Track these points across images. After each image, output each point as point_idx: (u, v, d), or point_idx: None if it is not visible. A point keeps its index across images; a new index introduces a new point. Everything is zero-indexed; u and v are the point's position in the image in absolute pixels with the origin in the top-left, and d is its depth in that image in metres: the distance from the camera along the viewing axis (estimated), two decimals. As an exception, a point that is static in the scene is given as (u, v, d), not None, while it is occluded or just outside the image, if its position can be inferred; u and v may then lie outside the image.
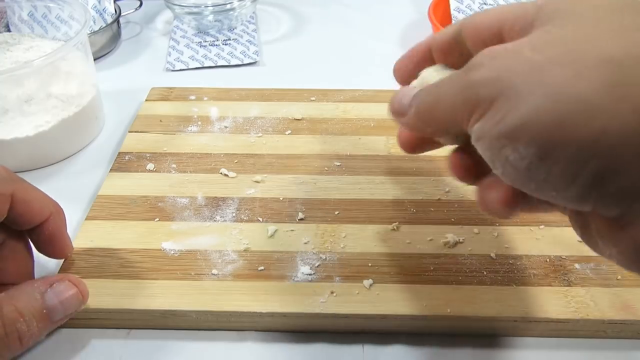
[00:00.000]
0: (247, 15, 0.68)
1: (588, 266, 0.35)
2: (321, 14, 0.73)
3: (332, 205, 0.40)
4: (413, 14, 0.72)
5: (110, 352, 0.33)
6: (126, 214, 0.39)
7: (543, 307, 0.32)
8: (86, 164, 0.47)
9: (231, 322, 0.33)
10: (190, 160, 0.44)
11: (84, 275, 0.34)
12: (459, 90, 0.23)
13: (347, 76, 0.59)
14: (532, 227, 0.38)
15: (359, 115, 0.49)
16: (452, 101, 0.23)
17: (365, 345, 0.33)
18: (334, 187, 0.42)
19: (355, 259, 0.36)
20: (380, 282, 0.34)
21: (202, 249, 0.37)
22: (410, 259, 0.36)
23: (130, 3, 0.66)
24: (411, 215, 0.39)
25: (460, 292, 0.33)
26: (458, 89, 0.23)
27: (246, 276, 0.35)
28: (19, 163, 0.46)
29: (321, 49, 0.65)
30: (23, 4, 0.55)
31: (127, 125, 0.51)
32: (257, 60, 0.61)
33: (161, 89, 0.53)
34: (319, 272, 0.35)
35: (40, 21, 0.55)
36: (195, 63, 0.61)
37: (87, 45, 0.49)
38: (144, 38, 0.67)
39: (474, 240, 0.37)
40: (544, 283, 0.34)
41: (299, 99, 0.52)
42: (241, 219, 0.39)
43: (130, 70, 0.61)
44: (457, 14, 0.60)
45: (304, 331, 0.34)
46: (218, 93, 0.53)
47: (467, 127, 0.22)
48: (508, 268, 0.35)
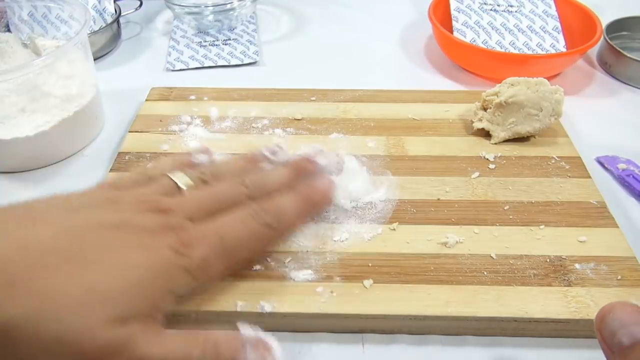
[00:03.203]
0: (247, 15, 0.68)
1: (588, 266, 0.35)
2: (321, 14, 0.73)
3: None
4: (413, 14, 0.72)
5: (110, 352, 0.33)
6: (126, 214, 0.39)
7: (543, 307, 0.32)
8: (86, 164, 0.47)
9: (231, 322, 0.33)
10: (190, 160, 0.44)
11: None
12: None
13: (347, 76, 0.59)
14: (532, 227, 0.38)
15: (359, 115, 0.49)
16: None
17: (365, 345, 0.33)
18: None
19: (355, 259, 0.36)
20: (380, 282, 0.34)
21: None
22: (410, 259, 0.36)
23: (130, 3, 0.66)
24: (411, 216, 0.39)
25: (460, 292, 0.33)
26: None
27: (246, 276, 0.35)
28: (19, 163, 0.46)
29: (321, 49, 0.65)
30: (23, 4, 0.55)
31: (127, 125, 0.51)
32: (257, 60, 0.61)
33: (161, 89, 0.53)
34: (319, 272, 0.35)
35: (40, 21, 0.55)
36: (195, 63, 0.61)
37: (87, 45, 0.49)
38: (144, 38, 0.67)
39: (474, 240, 0.37)
40: (544, 283, 0.34)
41: (299, 99, 0.52)
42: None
43: (130, 70, 0.61)
44: (457, 14, 0.60)
45: (304, 331, 0.34)
46: (218, 93, 0.53)
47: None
48: (508, 268, 0.35)
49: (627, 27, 0.63)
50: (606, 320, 0.23)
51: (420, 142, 0.46)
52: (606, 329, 0.23)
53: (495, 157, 0.44)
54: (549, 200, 0.40)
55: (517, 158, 0.44)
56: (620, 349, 0.23)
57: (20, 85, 0.44)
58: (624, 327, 0.23)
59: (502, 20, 0.60)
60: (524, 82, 0.45)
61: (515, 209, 0.39)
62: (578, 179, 0.42)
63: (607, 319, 0.23)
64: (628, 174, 0.44)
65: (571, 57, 0.56)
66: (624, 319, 0.23)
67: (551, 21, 0.60)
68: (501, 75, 0.48)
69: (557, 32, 0.59)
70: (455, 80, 0.58)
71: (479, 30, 0.59)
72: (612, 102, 0.55)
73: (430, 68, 0.61)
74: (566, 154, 0.45)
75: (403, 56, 0.64)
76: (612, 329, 0.23)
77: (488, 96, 0.46)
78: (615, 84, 0.58)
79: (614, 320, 0.23)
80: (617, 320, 0.23)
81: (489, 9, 0.61)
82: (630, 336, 0.22)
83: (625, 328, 0.23)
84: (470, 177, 0.42)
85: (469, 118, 0.48)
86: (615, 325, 0.23)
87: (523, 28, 0.60)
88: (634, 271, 0.35)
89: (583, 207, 0.39)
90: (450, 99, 0.51)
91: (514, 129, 0.45)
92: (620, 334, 0.23)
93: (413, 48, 0.65)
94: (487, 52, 0.56)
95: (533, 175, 0.42)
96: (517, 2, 0.61)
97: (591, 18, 0.59)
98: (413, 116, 0.49)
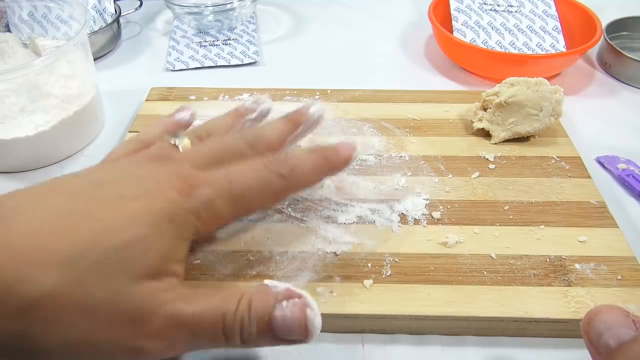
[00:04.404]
0: (247, 15, 0.68)
1: (588, 266, 0.35)
2: (321, 14, 0.73)
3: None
4: (413, 14, 0.72)
5: (110, 352, 0.33)
6: (126, 214, 0.39)
7: (543, 307, 0.32)
8: (86, 164, 0.47)
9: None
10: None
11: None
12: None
13: (347, 76, 0.59)
14: (532, 227, 0.38)
15: (359, 115, 0.49)
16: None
17: (365, 345, 0.33)
18: (335, 187, 0.41)
19: (355, 259, 0.36)
20: (380, 282, 0.34)
21: (202, 248, 0.36)
22: (410, 259, 0.36)
23: (130, 3, 0.66)
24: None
25: (460, 292, 0.33)
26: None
27: (246, 276, 0.35)
28: (19, 163, 0.46)
29: (321, 49, 0.65)
30: (23, 4, 0.55)
31: (127, 125, 0.51)
32: (257, 60, 0.61)
33: (161, 89, 0.53)
34: (319, 272, 0.35)
35: (40, 21, 0.55)
36: (195, 63, 0.61)
37: (87, 45, 0.49)
38: (144, 38, 0.67)
39: (474, 240, 0.37)
40: (544, 283, 0.34)
41: (299, 99, 0.52)
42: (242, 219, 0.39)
43: (130, 70, 0.61)
44: (457, 14, 0.60)
45: (304, 331, 0.34)
46: (218, 93, 0.53)
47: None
48: (508, 268, 0.35)
49: (627, 27, 0.63)
50: (593, 322, 0.24)
51: (420, 142, 0.46)
52: (593, 331, 0.23)
53: (495, 157, 0.44)
54: (549, 200, 0.40)
55: (517, 158, 0.44)
56: (607, 350, 0.23)
57: (20, 85, 0.44)
58: (610, 329, 0.23)
59: (502, 20, 0.60)
60: (523, 82, 0.45)
61: (515, 209, 0.39)
62: (578, 179, 0.42)
63: (593, 322, 0.24)
64: (628, 174, 0.44)
65: (571, 57, 0.56)
66: (610, 322, 0.23)
67: (551, 21, 0.60)
68: (501, 75, 0.48)
69: (557, 32, 0.59)
70: (455, 80, 0.59)
71: (479, 30, 0.59)
72: (612, 102, 0.55)
73: (430, 68, 0.61)
74: (566, 154, 0.45)
75: (403, 56, 0.64)
76: (598, 331, 0.23)
77: (488, 96, 0.46)
78: (615, 84, 0.58)
79: (601, 323, 0.23)
80: (603, 323, 0.23)
81: (489, 9, 0.61)
82: (616, 338, 0.23)
83: (611, 330, 0.23)
84: (470, 177, 0.42)
85: (469, 118, 0.48)
86: (602, 327, 0.23)
87: (523, 28, 0.60)
88: (634, 271, 0.35)
89: (583, 207, 0.40)
90: (450, 99, 0.51)
91: (514, 129, 0.45)
92: (607, 336, 0.23)
93: (413, 48, 0.65)
94: (487, 52, 0.57)
95: (533, 175, 0.42)
96: (517, 2, 0.61)
97: (591, 18, 0.59)
98: (413, 116, 0.49)
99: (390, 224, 0.38)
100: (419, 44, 0.66)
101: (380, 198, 0.40)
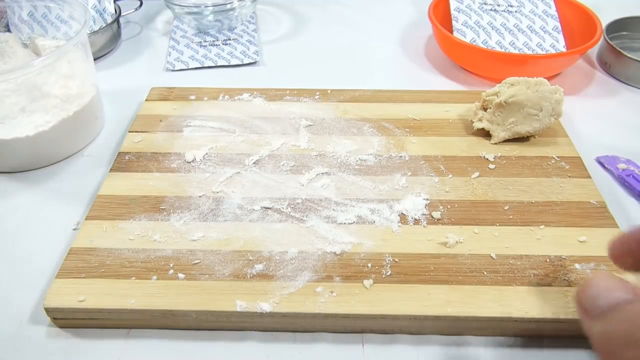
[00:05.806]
0: (247, 15, 0.68)
1: (588, 266, 0.35)
2: (321, 14, 0.73)
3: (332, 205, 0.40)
4: (413, 14, 0.72)
5: (110, 352, 0.33)
6: (126, 213, 0.39)
7: (543, 307, 0.32)
8: (86, 164, 0.47)
9: (231, 322, 0.33)
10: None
11: (85, 275, 0.35)
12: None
13: (347, 76, 0.59)
14: (532, 227, 0.38)
15: (359, 115, 0.49)
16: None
17: (365, 345, 0.33)
18: (335, 187, 0.42)
19: (355, 259, 0.36)
20: (380, 282, 0.34)
21: (202, 248, 0.37)
22: (410, 259, 0.36)
23: (130, 3, 0.66)
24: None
25: (460, 292, 0.33)
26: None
27: (246, 276, 0.35)
28: (19, 163, 0.46)
29: (321, 49, 0.65)
30: (23, 4, 0.55)
31: (127, 125, 0.51)
32: (257, 60, 0.61)
33: (161, 89, 0.53)
34: (319, 272, 0.35)
35: (40, 21, 0.55)
36: (195, 63, 0.61)
37: (87, 45, 0.49)
38: (144, 38, 0.67)
39: (474, 240, 0.37)
40: (544, 283, 0.34)
41: (299, 99, 0.52)
42: (242, 219, 0.39)
43: (130, 70, 0.61)
44: (457, 13, 0.60)
45: (304, 331, 0.34)
46: (218, 93, 0.53)
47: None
48: (508, 268, 0.35)
49: (627, 27, 0.63)
50: (586, 290, 0.24)
51: (420, 142, 0.46)
52: (587, 298, 0.24)
53: (495, 157, 0.44)
54: (549, 200, 0.40)
55: (517, 158, 0.44)
56: (601, 312, 0.23)
57: (20, 85, 0.44)
58: (605, 292, 0.23)
59: (502, 20, 0.60)
60: (523, 82, 0.45)
61: (515, 209, 0.39)
62: (578, 179, 0.42)
63: (586, 289, 0.24)
64: (628, 174, 0.44)
65: (571, 57, 0.56)
66: (604, 286, 0.23)
67: (551, 21, 0.60)
68: (501, 75, 0.48)
69: (557, 32, 0.59)
70: (455, 80, 0.58)
71: (479, 30, 0.59)
72: (612, 102, 0.55)
73: (430, 68, 0.61)
74: (566, 154, 0.45)
75: (403, 56, 0.64)
76: (592, 295, 0.23)
77: (488, 96, 0.46)
78: (615, 84, 0.58)
79: (594, 288, 0.24)
80: (596, 288, 0.23)
81: (489, 9, 0.61)
82: (609, 300, 0.23)
83: (605, 293, 0.23)
84: (470, 177, 0.42)
85: (469, 118, 0.48)
86: (595, 292, 0.23)
87: (523, 28, 0.60)
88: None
89: (583, 207, 0.40)
90: (450, 99, 0.51)
91: (514, 129, 0.45)
92: (601, 298, 0.23)
93: (413, 48, 0.65)
94: (487, 52, 0.56)
95: (533, 175, 0.42)
96: (517, 2, 0.61)
97: (591, 18, 0.59)
98: (413, 116, 0.49)
99: (390, 224, 0.38)
100: (419, 44, 0.66)
101: (380, 198, 0.40)
